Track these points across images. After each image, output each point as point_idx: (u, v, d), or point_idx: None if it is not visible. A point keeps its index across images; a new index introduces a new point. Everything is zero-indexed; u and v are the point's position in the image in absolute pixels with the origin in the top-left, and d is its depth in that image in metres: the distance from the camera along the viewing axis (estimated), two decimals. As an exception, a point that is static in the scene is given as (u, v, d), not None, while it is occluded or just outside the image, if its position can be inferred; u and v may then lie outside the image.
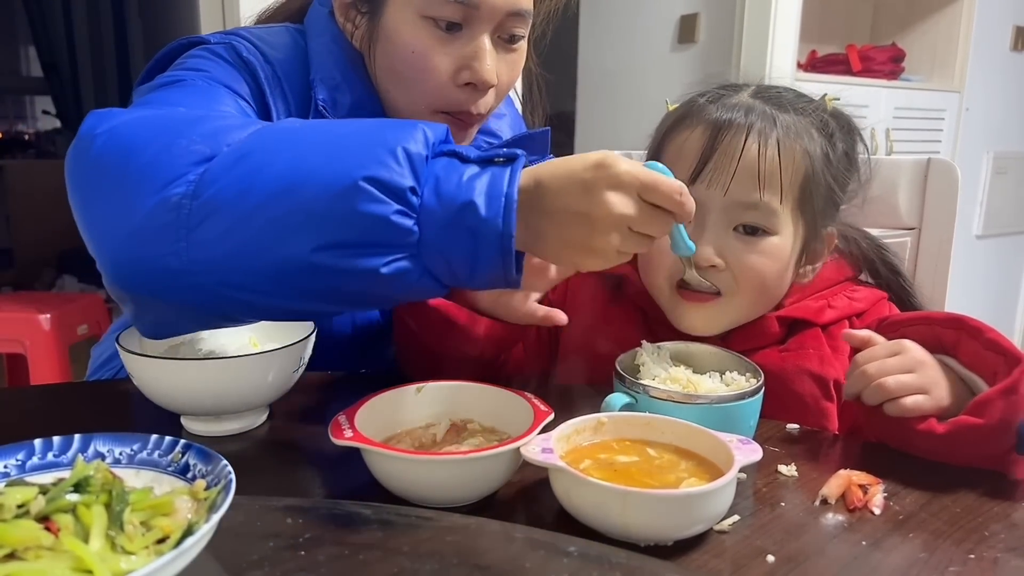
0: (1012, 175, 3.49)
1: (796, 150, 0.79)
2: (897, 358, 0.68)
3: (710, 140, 0.79)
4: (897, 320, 0.74)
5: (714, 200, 0.79)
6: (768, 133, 0.79)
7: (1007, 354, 0.66)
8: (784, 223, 0.80)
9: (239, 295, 0.62)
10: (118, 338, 0.70)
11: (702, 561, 0.52)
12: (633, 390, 0.68)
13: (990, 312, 3.64)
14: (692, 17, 2.91)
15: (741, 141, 0.78)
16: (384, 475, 0.59)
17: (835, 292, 0.87)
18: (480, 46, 0.83)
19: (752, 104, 0.81)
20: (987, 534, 0.57)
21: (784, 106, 0.82)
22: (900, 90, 3.07)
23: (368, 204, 0.57)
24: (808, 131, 0.81)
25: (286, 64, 0.88)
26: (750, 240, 0.80)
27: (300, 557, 0.46)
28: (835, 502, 0.61)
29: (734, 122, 0.79)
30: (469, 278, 0.62)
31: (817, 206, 0.82)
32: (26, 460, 0.50)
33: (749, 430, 0.69)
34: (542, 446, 0.56)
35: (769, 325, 0.84)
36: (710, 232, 0.80)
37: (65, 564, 0.39)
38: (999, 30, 3.30)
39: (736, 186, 0.78)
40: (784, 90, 0.85)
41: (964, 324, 0.70)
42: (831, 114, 0.85)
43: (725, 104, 0.82)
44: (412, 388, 0.68)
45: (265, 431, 0.73)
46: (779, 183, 0.78)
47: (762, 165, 0.78)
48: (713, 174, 0.78)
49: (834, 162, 0.83)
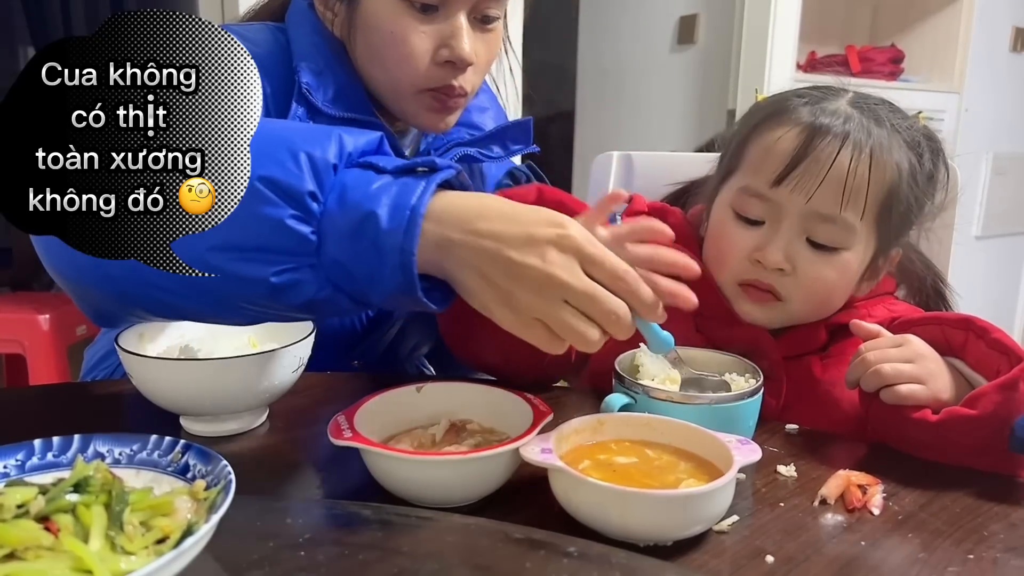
0: (1012, 176, 3.49)
1: (886, 166, 0.78)
2: (898, 349, 0.70)
3: (804, 144, 0.77)
4: (908, 320, 0.75)
5: (795, 205, 0.77)
6: (862, 146, 0.77)
7: (1010, 353, 0.67)
8: (858, 239, 0.79)
9: (148, 291, 0.60)
10: (117, 338, 0.70)
11: (702, 561, 0.52)
12: (633, 390, 0.68)
13: (990, 312, 3.62)
14: (692, 18, 2.91)
15: (835, 150, 0.76)
16: (384, 475, 0.59)
17: (875, 303, 0.86)
18: (457, 25, 0.85)
19: (850, 113, 0.79)
20: (986, 534, 0.57)
21: (880, 119, 0.80)
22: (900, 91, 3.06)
23: (261, 205, 0.55)
24: (900, 147, 0.80)
25: (265, 58, 0.89)
26: (821, 252, 0.79)
27: (300, 557, 0.46)
28: (834, 502, 0.61)
29: (830, 130, 0.77)
30: (375, 294, 0.58)
31: (894, 224, 0.81)
32: (26, 460, 0.50)
33: (748, 431, 0.69)
34: (541, 446, 0.57)
35: (818, 333, 0.83)
36: (783, 236, 0.78)
37: (65, 564, 0.39)
38: (999, 31, 3.30)
39: (819, 196, 0.76)
40: (881, 102, 0.83)
41: (972, 324, 0.70)
42: (923, 133, 0.84)
43: (824, 109, 0.79)
44: (412, 388, 0.68)
45: (265, 431, 0.73)
46: (863, 199, 0.77)
47: (850, 180, 0.76)
48: (801, 179, 0.76)
49: (919, 182, 0.81)
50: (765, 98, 0.88)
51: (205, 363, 0.68)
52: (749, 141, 0.83)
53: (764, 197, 0.79)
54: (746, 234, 0.80)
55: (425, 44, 0.86)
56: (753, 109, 0.87)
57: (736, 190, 0.82)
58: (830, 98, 0.82)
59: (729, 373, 0.73)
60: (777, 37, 2.65)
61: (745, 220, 0.81)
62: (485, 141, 1.00)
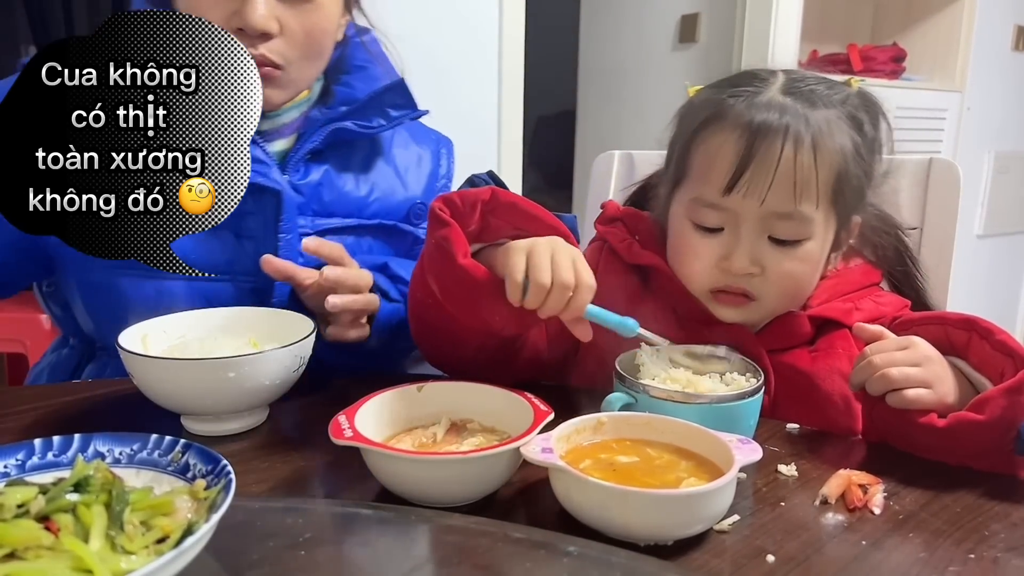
0: (1014, 174, 3.49)
1: (830, 151, 0.77)
2: (904, 352, 0.69)
3: (747, 148, 0.76)
4: (910, 319, 0.74)
5: (750, 209, 0.77)
6: (803, 137, 0.76)
7: (1015, 355, 0.66)
8: (818, 227, 0.79)
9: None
10: (118, 338, 0.70)
11: (702, 561, 0.52)
12: (633, 390, 0.68)
13: (991, 312, 3.62)
14: (693, 17, 2.91)
15: (778, 149, 0.75)
16: (384, 475, 0.59)
17: (862, 296, 0.86)
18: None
19: (784, 103, 0.78)
20: (987, 534, 0.57)
21: (815, 101, 0.79)
22: (901, 90, 3.07)
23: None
24: (840, 126, 0.79)
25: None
26: (785, 247, 0.79)
27: (300, 557, 0.46)
28: (835, 502, 0.61)
29: (770, 128, 0.76)
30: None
31: (848, 201, 0.81)
32: (26, 460, 0.50)
33: (749, 430, 0.69)
34: (542, 446, 0.56)
35: (801, 325, 0.83)
36: (745, 240, 0.78)
37: (65, 564, 0.39)
38: (1000, 30, 3.30)
39: (772, 196, 0.76)
40: (812, 79, 0.82)
41: (975, 325, 0.70)
42: (858, 95, 0.83)
43: (757, 104, 0.78)
44: (412, 388, 0.68)
45: (265, 431, 0.73)
46: (815, 189, 0.77)
47: (798, 174, 0.76)
48: (750, 184, 0.76)
49: (864, 154, 0.81)
50: (697, 91, 0.87)
51: (205, 363, 0.68)
52: (692, 148, 0.82)
53: (718, 206, 0.79)
54: (708, 243, 0.80)
55: (217, 13, 0.83)
56: (688, 109, 0.86)
57: (689, 201, 0.82)
58: (762, 88, 0.80)
59: (730, 372, 0.73)
60: (779, 36, 2.65)
61: (704, 229, 0.81)
62: (362, 112, 0.97)
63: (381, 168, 1.04)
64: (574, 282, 0.68)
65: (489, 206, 0.76)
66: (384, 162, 1.04)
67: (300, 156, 0.95)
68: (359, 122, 0.96)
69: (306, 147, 0.95)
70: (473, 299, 0.72)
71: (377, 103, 0.98)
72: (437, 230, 0.72)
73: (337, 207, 0.98)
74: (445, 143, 1.14)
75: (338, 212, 0.98)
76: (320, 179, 0.96)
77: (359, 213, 1.00)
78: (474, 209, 0.74)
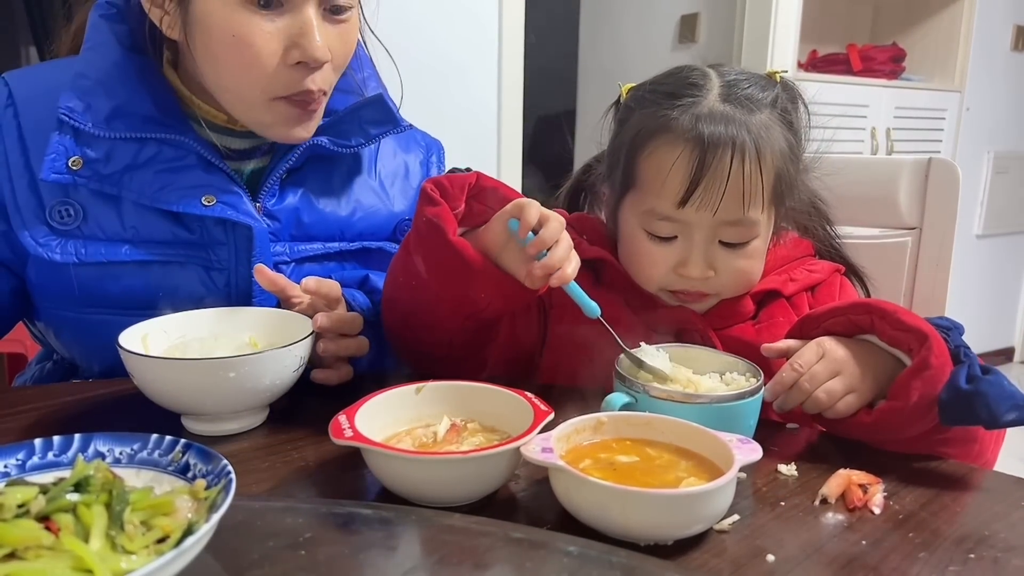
0: (1013, 175, 3.49)
1: (770, 157, 0.82)
2: (823, 364, 0.72)
3: (698, 164, 0.79)
4: (815, 316, 0.77)
5: (703, 220, 0.82)
6: (748, 147, 0.80)
7: (914, 331, 0.69)
8: (763, 224, 0.85)
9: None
10: (119, 338, 0.70)
11: (702, 561, 0.52)
12: (633, 390, 0.68)
13: (990, 312, 3.64)
14: (692, 17, 2.92)
15: (727, 163, 0.79)
16: (384, 475, 0.59)
17: (795, 266, 0.92)
18: (306, 21, 0.78)
19: (726, 113, 0.81)
20: (987, 533, 0.57)
21: (751, 107, 0.82)
22: (901, 90, 3.07)
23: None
24: (775, 129, 0.83)
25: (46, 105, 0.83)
26: (735, 248, 0.84)
27: (300, 557, 0.46)
28: (835, 501, 0.61)
29: (719, 142, 0.79)
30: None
31: (785, 195, 0.86)
32: (26, 460, 0.50)
33: (749, 429, 0.69)
34: (542, 446, 0.56)
35: (745, 304, 0.88)
36: (699, 248, 0.83)
37: (65, 564, 0.39)
38: (1000, 30, 3.30)
39: (723, 207, 0.81)
40: (744, 81, 0.85)
41: (873, 309, 0.73)
42: (783, 88, 0.87)
43: (701, 116, 0.81)
44: (412, 388, 0.68)
45: (265, 431, 0.73)
46: (760, 195, 0.82)
47: (746, 184, 0.80)
48: (703, 198, 0.80)
49: (796, 151, 0.86)
50: (630, 89, 0.91)
51: (205, 363, 0.68)
52: (639, 159, 0.85)
53: (672, 218, 0.83)
54: (663, 251, 0.85)
55: (272, 45, 0.78)
56: (627, 114, 0.89)
57: (642, 212, 0.85)
58: (700, 96, 0.83)
59: (729, 372, 0.73)
60: (778, 36, 2.66)
61: (658, 238, 0.85)
62: (338, 126, 0.92)
63: (364, 183, 0.98)
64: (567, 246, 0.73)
65: (474, 190, 0.79)
66: (367, 176, 0.99)
67: (275, 177, 0.90)
68: (336, 140, 0.91)
69: (281, 167, 0.90)
70: (463, 276, 0.74)
71: (355, 119, 0.93)
72: (428, 208, 0.75)
73: (317, 230, 0.93)
74: (435, 148, 1.08)
75: (319, 236, 0.94)
76: (297, 203, 0.91)
77: (342, 235, 0.95)
78: (462, 192, 0.78)
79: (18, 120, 0.85)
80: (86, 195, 0.84)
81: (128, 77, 0.84)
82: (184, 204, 0.84)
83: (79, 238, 0.84)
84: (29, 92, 0.86)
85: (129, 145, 0.83)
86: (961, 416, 0.66)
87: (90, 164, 0.82)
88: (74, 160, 0.82)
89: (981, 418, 0.65)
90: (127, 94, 0.84)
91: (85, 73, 0.83)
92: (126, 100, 0.83)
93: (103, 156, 0.83)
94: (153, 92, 0.85)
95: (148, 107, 0.84)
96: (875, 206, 1.13)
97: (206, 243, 0.87)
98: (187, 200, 0.84)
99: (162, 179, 0.84)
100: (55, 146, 0.81)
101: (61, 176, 0.81)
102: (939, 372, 0.67)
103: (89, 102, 0.82)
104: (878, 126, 2.97)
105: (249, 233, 0.86)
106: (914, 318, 0.70)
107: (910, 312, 0.71)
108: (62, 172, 0.81)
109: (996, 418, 0.64)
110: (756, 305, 0.89)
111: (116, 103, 0.83)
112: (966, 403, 0.65)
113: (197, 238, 0.86)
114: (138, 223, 0.85)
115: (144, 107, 0.84)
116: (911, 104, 3.06)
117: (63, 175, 0.81)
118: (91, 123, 0.82)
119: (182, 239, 0.86)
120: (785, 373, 0.73)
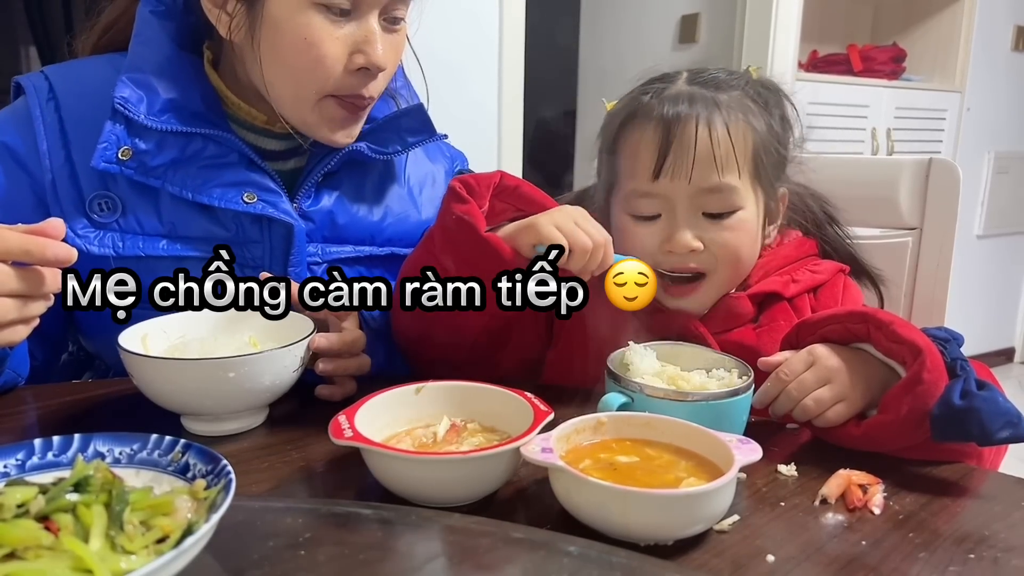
0: (1013, 175, 3.49)
1: (742, 125, 0.84)
2: (812, 371, 0.71)
3: (664, 136, 0.83)
4: (812, 322, 0.76)
5: (680, 190, 0.83)
6: (714, 117, 0.83)
7: (908, 344, 0.68)
8: (747, 196, 0.85)
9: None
10: (119, 338, 0.70)
11: (702, 561, 0.52)
12: (629, 389, 0.68)
13: (991, 312, 3.64)
14: (693, 17, 2.91)
15: (693, 130, 0.82)
16: (384, 475, 0.59)
17: (798, 267, 0.92)
18: (371, 30, 0.82)
19: (692, 92, 0.85)
20: (987, 534, 0.57)
21: (720, 86, 0.86)
22: (901, 90, 3.07)
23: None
24: (746, 104, 0.86)
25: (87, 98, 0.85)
26: (721, 219, 0.85)
27: (300, 557, 0.46)
28: (835, 502, 0.61)
29: (682, 114, 0.83)
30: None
31: (770, 172, 0.88)
32: (26, 460, 0.50)
33: (741, 426, 0.70)
34: (542, 446, 0.56)
35: (743, 305, 0.88)
36: (683, 220, 0.84)
37: (65, 564, 0.39)
38: (1000, 30, 3.30)
39: (697, 174, 0.82)
40: (714, 70, 0.90)
41: (870, 318, 0.72)
42: (759, 83, 0.91)
43: (667, 97, 0.85)
44: (412, 388, 0.68)
45: (265, 431, 0.73)
46: (735, 160, 0.84)
47: (716, 149, 0.82)
48: (674, 167, 0.82)
49: (775, 127, 0.89)
50: (614, 105, 0.93)
51: (205, 363, 0.68)
52: (617, 149, 0.89)
53: (651, 194, 0.85)
54: (649, 230, 0.86)
55: (339, 51, 0.82)
56: (608, 118, 0.92)
57: (624, 197, 0.88)
58: (668, 84, 0.88)
59: (716, 368, 0.74)
60: (778, 36, 2.65)
61: (643, 219, 0.87)
62: (378, 133, 0.94)
63: (395, 190, 1.00)
64: (602, 239, 0.77)
65: (497, 188, 0.82)
66: (398, 184, 1.01)
67: (313, 179, 0.92)
68: (374, 146, 0.94)
69: (319, 170, 0.91)
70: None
71: (394, 127, 0.95)
72: (457, 206, 0.77)
73: (350, 233, 0.95)
74: (460, 159, 1.11)
75: (350, 239, 0.95)
76: (332, 205, 0.93)
77: (372, 240, 0.97)
78: (488, 190, 0.80)
79: (59, 114, 0.86)
80: (125, 188, 0.85)
81: (179, 73, 0.87)
82: (226, 200, 0.86)
83: (117, 231, 0.85)
84: (71, 86, 0.88)
85: (177, 139, 0.85)
86: (953, 432, 0.65)
87: (139, 155, 0.84)
88: (124, 150, 0.83)
89: (973, 434, 0.64)
90: (178, 89, 0.86)
91: (138, 66, 0.85)
92: (178, 94, 0.86)
93: (153, 148, 0.84)
94: (201, 89, 0.88)
95: (196, 103, 0.86)
96: (875, 206, 1.13)
97: (240, 241, 0.88)
98: (229, 196, 0.86)
99: (205, 174, 0.86)
100: (107, 135, 0.83)
101: (110, 165, 0.83)
102: (931, 387, 0.66)
103: (143, 93, 0.84)
104: (878, 126, 2.97)
105: (286, 232, 0.88)
106: (910, 330, 0.69)
107: (907, 324, 0.70)
108: (112, 161, 0.83)
109: (989, 435, 0.63)
110: (756, 307, 0.88)
111: (168, 96, 0.85)
112: (959, 419, 0.64)
113: (232, 235, 0.88)
114: (175, 218, 0.86)
115: (193, 103, 0.86)
116: (911, 104, 3.06)
117: (112, 164, 0.83)
118: (144, 113, 0.83)
119: (217, 236, 0.87)
120: (770, 383, 0.73)
